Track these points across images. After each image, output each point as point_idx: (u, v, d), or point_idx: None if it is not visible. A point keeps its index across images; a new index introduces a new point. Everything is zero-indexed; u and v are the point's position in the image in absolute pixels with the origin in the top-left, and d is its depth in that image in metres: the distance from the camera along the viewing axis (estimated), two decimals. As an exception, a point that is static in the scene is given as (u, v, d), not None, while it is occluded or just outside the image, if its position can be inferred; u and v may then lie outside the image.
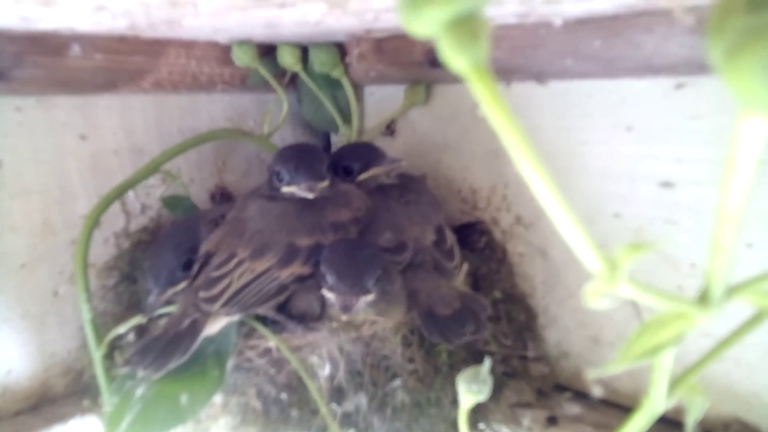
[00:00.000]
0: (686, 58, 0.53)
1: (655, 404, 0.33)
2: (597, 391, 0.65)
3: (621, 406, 0.65)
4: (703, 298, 0.27)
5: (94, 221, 0.65)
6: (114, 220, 0.72)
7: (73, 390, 0.69)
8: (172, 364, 0.54)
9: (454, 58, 0.21)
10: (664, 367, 0.32)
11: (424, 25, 0.20)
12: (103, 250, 0.71)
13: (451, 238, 0.67)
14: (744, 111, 0.22)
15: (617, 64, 0.57)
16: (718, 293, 0.26)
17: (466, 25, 0.19)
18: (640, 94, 0.60)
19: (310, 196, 0.62)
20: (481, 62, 0.21)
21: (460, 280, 0.66)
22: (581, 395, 0.68)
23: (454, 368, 0.60)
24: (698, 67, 0.53)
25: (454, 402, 0.58)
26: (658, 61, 0.55)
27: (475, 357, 0.63)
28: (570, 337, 0.69)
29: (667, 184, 0.59)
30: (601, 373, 0.30)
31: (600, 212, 0.63)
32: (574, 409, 0.65)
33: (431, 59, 0.70)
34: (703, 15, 0.47)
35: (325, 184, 0.63)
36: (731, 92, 0.21)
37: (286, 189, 0.64)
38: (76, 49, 0.60)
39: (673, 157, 0.58)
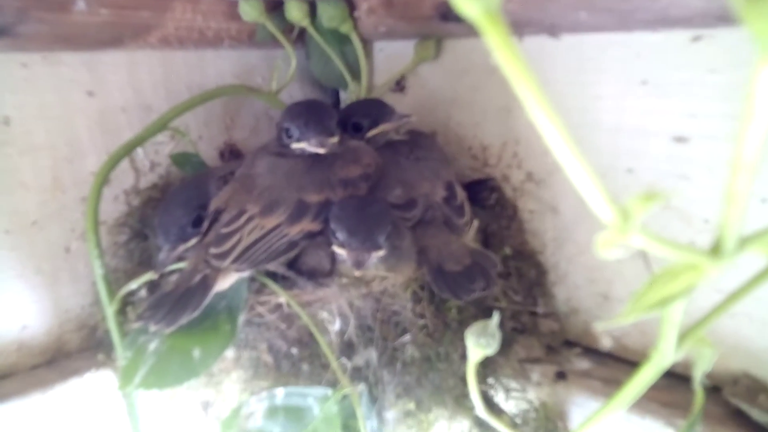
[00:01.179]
0: (703, 9, 0.52)
1: (663, 356, 0.33)
2: (606, 343, 0.65)
3: (630, 362, 0.65)
4: (716, 250, 0.27)
5: (103, 178, 0.65)
6: (123, 177, 0.72)
7: (87, 345, 0.70)
8: (184, 319, 0.55)
9: (466, 4, 0.20)
10: (673, 319, 0.32)
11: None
12: (113, 207, 0.71)
13: (461, 194, 0.67)
14: (763, 57, 0.21)
15: (633, 16, 0.56)
16: (730, 244, 0.26)
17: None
18: (655, 47, 0.59)
19: (321, 151, 0.62)
20: (493, 8, 0.21)
21: (470, 237, 0.66)
22: (590, 351, 0.68)
23: (464, 324, 0.61)
24: (715, 19, 0.52)
25: (464, 357, 0.58)
26: (674, 12, 0.53)
27: (484, 313, 0.63)
28: (579, 294, 0.69)
29: (681, 139, 0.58)
30: (610, 324, 0.30)
31: (612, 167, 0.63)
32: (583, 364, 0.65)
33: (442, 13, 0.69)
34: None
35: (335, 139, 0.63)
36: (751, 37, 0.20)
37: (295, 145, 0.63)
38: (80, 4, 0.59)
39: (687, 112, 0.57)
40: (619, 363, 0.65)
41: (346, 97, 0.89)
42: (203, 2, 0.69)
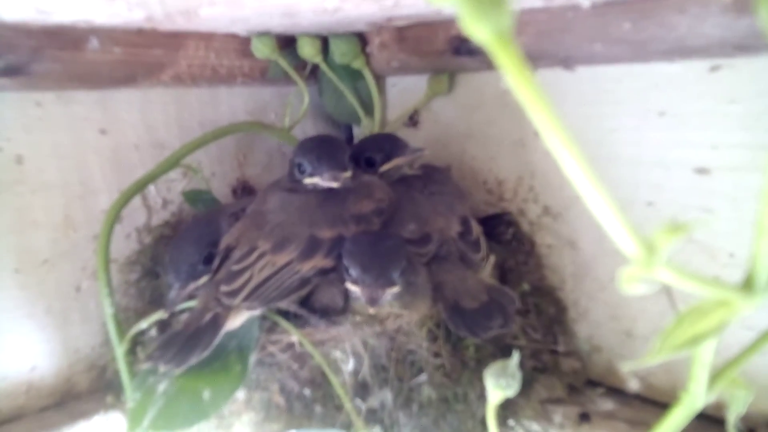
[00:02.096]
0: (721, 39, 0.51)
1: (694, 398, 0.31)
2: (633, 385, 0.62)
3: (656, 402, 0.62)
4: (748, 285, 0.25)
5: (114, 216, 0.64)
6: (136, 215, 0.72)
7: (96, 386, 0.69)
8: (194, 359, 0.53)
9: (475, 26, 0.19)
10: (704, 359, 0.30)
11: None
12: (125, 246, 0.71)
13: (477, 229, 0.66)
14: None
15: (648, 47, 0.55)
16: (763, 279, 0.25)
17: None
18: (672, 78, 0.58)
19: (335, 185, 0.61)
20: (504, 30, 0.20)
21: (486, 273, 0.64)
22: (614, 391, 0.65)
23: (482, 363, 0.59)
24: (734, 48, 0.51)
25: (482, 397, 0.56)
26: (691, 42, 0.52)
27: (503, 351, 0.61)
28: (602, 331, 0.67)
29: (702, 171, 0.57)
30: (637, 365, 0.29)
31: (632, 201, 0.61)
32: (607, 405, 0.63)
33: (454, 47, 0.68)
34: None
35: (348, 174, 0.62)
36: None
37: (308, 180, 0.63)
38: (94, 43, 0.59)
39: (708, 143, 0.56)
40: (645, 404, 0.63)
41: (360, 133, 0.88)
42: (216, 40, 0.70)
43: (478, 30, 0.20)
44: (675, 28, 0.52)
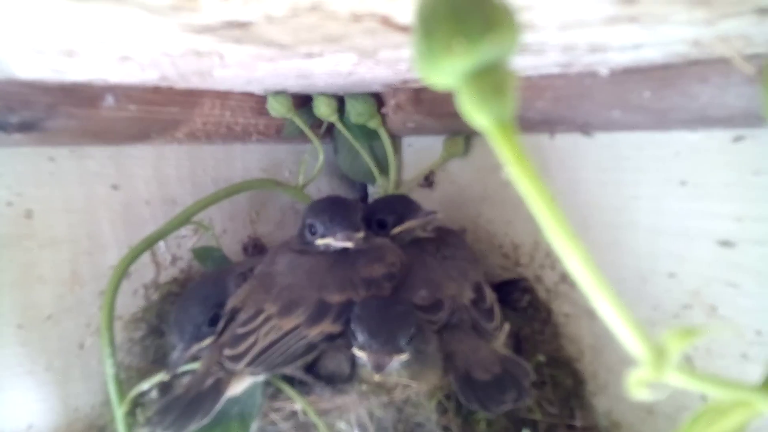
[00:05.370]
0: (745, 109, 0.49)
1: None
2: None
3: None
4: (768, 384, 0.23)
5: (122, 272, 0.63)
6: (144, 271, 0.71)
7: (94, 447, 0.67)
8: (193, 426, 0.51)
9: (475, 113, 0.18)
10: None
11: (442, 77, 0.17)
12: (131, 302, 0.70)
13: (491, 296, 0.64)
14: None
15: (669, 115, 0.54)
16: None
17: (490, 77, 0.16)
18: (694, 147, 0.56)
19: (348, 245, 0.60)
20: (505, 119, 0.19)
21: (500, 342, 0.62)
22: (634, 471, 0.62)
23: (494, 439, 0.56)
24: (758, 120, 0.50)
25: (493, 477, 0.53)
26: (714, 112, 0.51)
27: (516, 426, 0.58)
28: (622, 406, 0.64)
29: (726, 243, 0.55)
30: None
31: (653, 271, 0.59)
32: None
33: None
34: (764, 64, 0.44)
35: (361, 234, 0.61)
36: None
37: (320, 241, 0.62)
38: (109, 100, 0.59)
39: (732, 215, 0.54)
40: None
41: (374, 192, 0.88)
42: (232, 98, 0.70)
43: (478, 117, 0.18)
44: (697, 97, 0.51)
